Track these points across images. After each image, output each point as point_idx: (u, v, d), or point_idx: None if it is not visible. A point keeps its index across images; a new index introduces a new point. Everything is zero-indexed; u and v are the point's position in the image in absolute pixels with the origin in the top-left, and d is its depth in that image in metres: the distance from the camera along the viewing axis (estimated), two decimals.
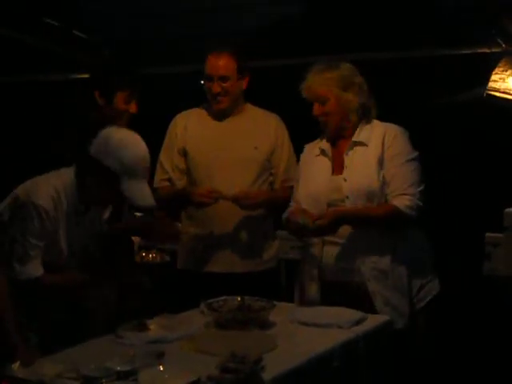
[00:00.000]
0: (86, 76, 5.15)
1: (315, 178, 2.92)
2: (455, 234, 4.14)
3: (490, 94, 3.85)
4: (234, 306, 2.71)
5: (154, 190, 3.23)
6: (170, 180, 3.37)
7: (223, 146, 3.29)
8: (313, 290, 2.91)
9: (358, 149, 2.87)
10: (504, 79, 3.82)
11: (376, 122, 2.94)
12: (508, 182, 3.90)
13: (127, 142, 2.44)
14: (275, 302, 2.72)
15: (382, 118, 3.69)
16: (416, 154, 2.85)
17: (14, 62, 4.83)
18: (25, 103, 5.52)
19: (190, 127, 3.35)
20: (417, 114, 4.24)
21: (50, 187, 2.46)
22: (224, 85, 3.23)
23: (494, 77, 3.83)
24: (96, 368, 2.00)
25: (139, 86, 3.15)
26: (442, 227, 3.83)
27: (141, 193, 2.45)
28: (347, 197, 2.80)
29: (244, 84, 3.31)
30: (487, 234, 3.77)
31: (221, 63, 3.23)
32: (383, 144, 2.83)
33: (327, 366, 2.34)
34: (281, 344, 2.36)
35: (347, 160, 2.86)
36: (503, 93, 3.83)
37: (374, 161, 2.81)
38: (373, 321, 2.67)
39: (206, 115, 3.38)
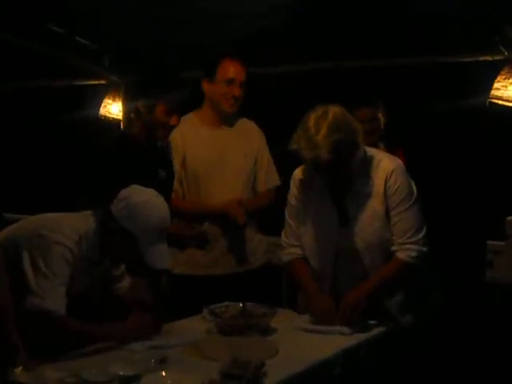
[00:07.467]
0: (90, 83, 5.22)
1: (321, 228, 2.81)
2: (457, 241, 4.14)
3: (493, 102, 3.85)
4: (235, 311, 2.72)
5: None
6: (175, 191, 3.36)
7: (219, 155, 3.37)
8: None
9: (360, 198, 2.75)
10: (506, 87, 3.82)
11: (375, 160, 2.77)
12: (510, 189, 3.90)
13: (148, 206, 2.39)
14: (277, 308, 2.73)
15: (385, 126, 3.73)
16: (416, 194, 2.77)
17: (16, 68, 4.85)
18: (26, 109, 5.55)
19: (186, 136, 3.37)
20: (420, 122, 4.25)
21: (74, 232, 2.40)
22: (242, 91, 3.33)
23: (496, 85, 3.84)
24: (98, 373, 2.00)
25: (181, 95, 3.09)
26: (443, 235, 3.83)
27: (159, 256, 2.42)
28: (361, 250, 2.77)
29: None
30: (489, 242, 3.77)
31: (241, 69, 3.34)
32: (386, 190, 2.73)
33: (329, 373, 2.34)
34: (282, 350, 2.36)
35: (352, 210, 2.76)
36: (506, 100, 3.83)
37: (382, 212, 2.74)
38: (375, 328, 2.67)
39: (199, 124, 3.42)
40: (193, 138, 3.38)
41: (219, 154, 3.37)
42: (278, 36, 4.08)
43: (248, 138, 3.46)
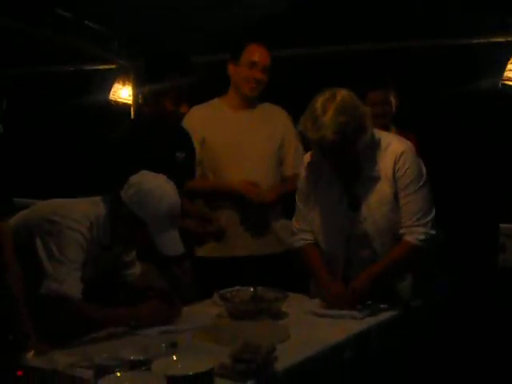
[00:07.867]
0: (100, 67, 5.21)
1: (331, 212, 2.81)
2: (470, 225, 4.11)
3: (506, 84, 3.82)
4: (246, 296, 2.72)
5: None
6: None
7: (240, 137, 3.39)
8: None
9: (369, 181, 2.74)
10: None
11: (384, 143, 2.75)
12: None
13: (159, 193, 2.39)
14: (288, 293, 2.73)
15: (397, 109, 3.69)
16: (425, 176, 2.75)
17: (25, 54, 4.85)
18: (36, 95, 5.55)
19: (207, 118, 3.41)
20: (431, 104, 4.22)
21: (85, 217, 2.40)
22: (264, 75, 3.37)
23: (509, 66, 3.80)
24: (109, 357, 2.00)
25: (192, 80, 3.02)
26: (456, 219, 3.81)
27: (171, 243, 2.41)
28: (371, 234, 2.76)
29: None
30: (502, 225, 3.75)
31: (266, 54, 3.38)
32: (394, 173, 2.71)
33: (340, 357, 2.34)
34: (293, 334, 2.36)
35: (361, 194, 2.75)
36: None
37: (391, 195, 2.72)
38: (386, 312, 2.67)
39: (223, 107, 3.46)
40: (214, 121, 3.41)
41: (241, 136, 3.39)
42: (280, 20, 4.07)
43: (273, 121, 3.47)
